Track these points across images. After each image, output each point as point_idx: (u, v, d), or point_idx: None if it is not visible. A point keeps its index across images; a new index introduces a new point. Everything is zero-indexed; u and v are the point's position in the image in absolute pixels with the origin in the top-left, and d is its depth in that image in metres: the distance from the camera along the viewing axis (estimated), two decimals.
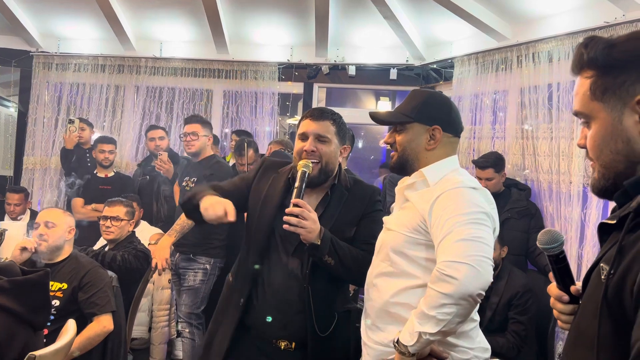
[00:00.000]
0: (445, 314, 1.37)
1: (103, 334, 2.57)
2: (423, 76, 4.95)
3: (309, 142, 1.92)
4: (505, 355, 2.91)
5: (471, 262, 1.38)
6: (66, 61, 5.11)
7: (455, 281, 1.37)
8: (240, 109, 5.06)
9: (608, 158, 0.94)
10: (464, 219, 1.46)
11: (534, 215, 3.55)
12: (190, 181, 3.49)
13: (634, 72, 0.91)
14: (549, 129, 3.65)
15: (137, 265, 3.06)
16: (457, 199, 1.52)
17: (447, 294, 1.37)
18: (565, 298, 1.09)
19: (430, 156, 1.66)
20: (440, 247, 1.46)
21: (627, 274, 0.82)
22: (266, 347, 1.94)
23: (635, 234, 0.85)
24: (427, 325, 1.38)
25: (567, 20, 3.56)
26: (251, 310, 1.95)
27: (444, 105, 1.70)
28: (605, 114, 0.94)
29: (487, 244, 1.44)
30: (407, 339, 1.41)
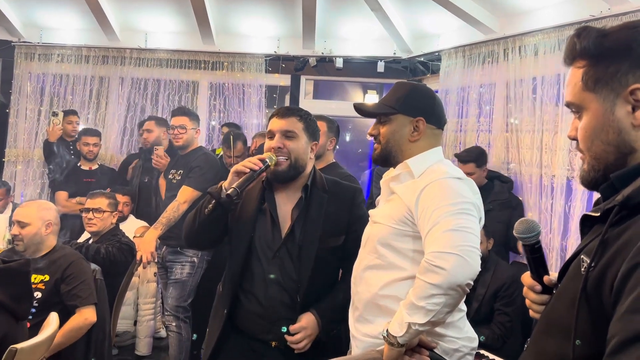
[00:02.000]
0: (435, 304, 1.38)
1: (85, 326, 2.55)
2: (410, 69, 4.95)
3: (275, 138, 1.92)
4: (491, 346, 2.93)
5: (459, 252, 1.39)
6: (49, 52, 5.03)
7: (444, 271, 1.38)
8: (226, 101, 5.02)
9: (599, 149, 0.93)
10: (450, 210, 1.47)
11: (516, 207, 3.59)
12: (177, 173, 3.46)
13: (626, 61, 0.90)
14: (533, 122, 3.67)
15: (121, 258, 3.04)
16: (444, 190, 1.52)
17: (436, 285, 1.38)
18: (537, 288, 1.09)
19: (414, 148, 1.67)
20: (428, 238, 1.47)
21: (608, 268, 0.82)
22: (258, 345, 1.93)
23: (619, 227, 0.84)
24: (416, 316, 1.39)
25: (553, 13, 3.57)
26: (239, 314, 1.96)
27: (428, 97, 1.71)
28: (597, 104, 0.93)
29: (474, 234, 1.45)
30: (397, 330, 1.42)
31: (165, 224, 3.20)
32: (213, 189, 1.89)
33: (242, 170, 1.83)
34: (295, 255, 1.91)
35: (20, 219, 2.65)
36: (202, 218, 1.90)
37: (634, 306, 0.73)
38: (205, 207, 1.88)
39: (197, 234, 1.96)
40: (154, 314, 3.80)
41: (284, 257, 1.91)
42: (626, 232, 0.82)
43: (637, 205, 0.83)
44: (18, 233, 2.63)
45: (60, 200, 4.16)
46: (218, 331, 1.95)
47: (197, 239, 2.01)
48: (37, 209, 2.73)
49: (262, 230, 1.93)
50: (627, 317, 0.74)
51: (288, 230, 1.91)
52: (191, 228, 1.96)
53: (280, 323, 1.89)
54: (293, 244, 1.91)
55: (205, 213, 1.87)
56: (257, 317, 1.92)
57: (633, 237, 0.79)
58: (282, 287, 1.90)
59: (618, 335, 0.74)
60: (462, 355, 1.60)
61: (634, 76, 0.89)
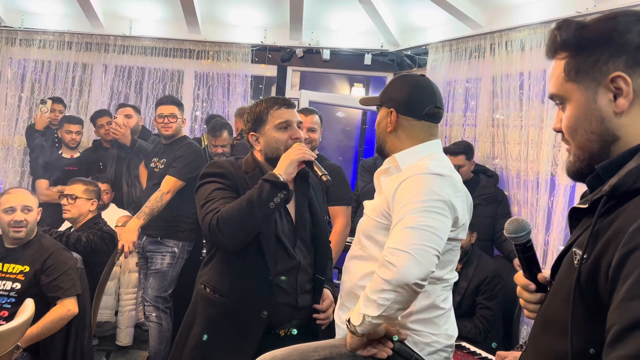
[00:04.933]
0: (385, 299, 1.39)
1: (67, 317, 2.52)
2: (397, 62, 4.94)
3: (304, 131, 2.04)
4: (473, 339, 2.96)
5: (411, 251, 1.38)
6: (30, 37, 4.92)
7: (394, 268, 1.38)
8: (211, 91, 4.97)
9: (583, 138, 0.94)
10: (417, 207, 1.46)
11: (501, 201, 3.62)
12: (160, 162, 3.42)
13: (605, 50, 0.91)
14: (519, 117, 3.69)
15: (102, 246, 3.00)
16: (417, 186, 1.51)
17: (386, 280, 1.38)
18: (532, 287, 1.08)
19: (394, 139, 1.68)
20: (391, 233, 1.47)
21: (601, 257, 0.82)
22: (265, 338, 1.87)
23: (608, 217, 0.85)
24: (370, 309, 1.41)
25: (540, 9, 3.59)
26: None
27: (403, 87, 1.69)
28: (580, 94, 0.94)
29: (435, 234, 1.42)
30: (355, 319, 1.45)
31: (149, 213, 3.17)
32: (274, 179, 1.75)
33: (307, 158, 1.81)
34: (308, 238, 1.98)
35: (26, 203, 2.59)
36: (267, 211, 1.74)
37: (631, 293, 0.73)
38: (268, 199, 1.72)
39: (254, 230, 1.78)
40: (135, 304, 3.76)
41: (300, 242, 1.96)
42: (616, 221, 0.82)
43: (624, 194, 0.84)
44: (23, 219, 2.57)
45: (41, 189, 4.09)
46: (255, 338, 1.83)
47: (250, 235, 1.79)
48: (31, 194, 2.70)
49: (279, 221, 1.91)
50: (624, 304, 0.74)
51: (296, 217, 1.96)
52: (249, 224, 1.74)
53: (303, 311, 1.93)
54: (305, 228, 1.98)
55: (272, 206, 1.73)
56: (287, 308, 1.90)
57: (624, 225, 0.80)
58: (307, 275, 1.95)
59: (617, 323, 0.74)
60: (435, 350, 1.59)
61: (614, 64, 0.90)
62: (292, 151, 1.82)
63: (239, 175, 1.91)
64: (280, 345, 1.82)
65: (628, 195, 0.83)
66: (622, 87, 0.89)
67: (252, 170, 1.92)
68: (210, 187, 1.87)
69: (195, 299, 1.98)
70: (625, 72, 0.89)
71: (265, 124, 1.92)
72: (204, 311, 1.91)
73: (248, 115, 1.99)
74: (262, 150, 1.94)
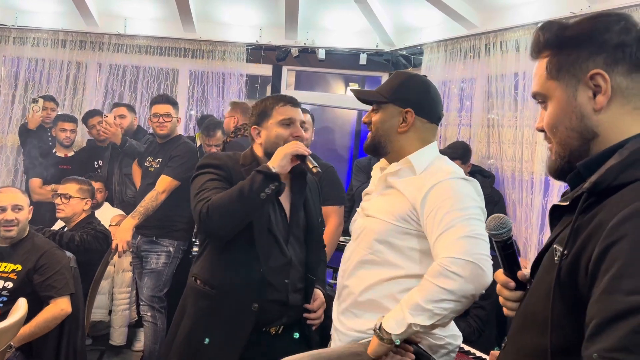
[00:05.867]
0: (443, 309, 1.37)
1: (61, 316, 2.51)
2: (393, 62, 4.94)
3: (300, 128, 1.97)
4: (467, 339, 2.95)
5: (476, 261, 1.38)
6: (24, 35, 4.89)
7: (460, 279, 1.36)
8: (206, 90, 4.96)
9: (563, 135, 0.96)
10: (462, 214, 1.45)
11: (497, 202, 3.62)
12: (155, 162, 3.41)
13: (585, 48, 0.93)
14: (514, 118, 3.71)
15: (96, 246, 2.99)
16: (453, 192, 1.50)
17: (449, 290, 1.36)
18: (511, 284, 1.09)
19: (403, 139, 1.64)
20: (441, 243, 1.44)
21: (581, 253, 0.83)
22: (254, 336, 1.87)
23: (588, 214, 0.86)
24: (420, 318, 1.38)
25: (534, 9, 3.60)
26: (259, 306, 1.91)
27: (421, 88, 1.67)
28: (561, 91, 0.96)
29: (486, 241, 1.42)
30: (393, 327, 1.41)
31: (143, 213, 3.16)
32: (266, 171, 1.77)
33: (301, 152, 1.83)
34: (301, 236, 1.99)
35: (16, 202, 2.57)
36: (257, 202, 1.76)
37: (609, 287, 0.74)
38: (259, 190, 1.74)
39: (244, 220, 1.80)
40: (129, 304, 3.75)
41: (293, 240, 1.96)
42: (596, 217, 0.83)
43: (604, 191, 0.85)
44: (14, 218, 2.55)
45: (34, 188, 4.07)
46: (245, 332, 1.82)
47: (239, 226, 1.81)
48: (22, 193, 2.68)
49: (273, 216, 1.92)
50: (604, 298, 0.74)
51: (290, 214, 1.97)
52: (237, 214, 1.77)
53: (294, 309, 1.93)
54: (298, 226, 1.99)
55: (263, 197, 1.75)
56: (277, 305, 1.89)
57: (603, 221, 0.81)
58: (299, 272, 1.95)
59: (596, 317, 0.74)
60: (447, 352, 1.59)
61: (594, 62, 0.92)
62: (287, 145, 1.85)
63: (236, 168, 1.92)
64: (271, 343, 1.86)
65: (608, 192, 0.84)
66: (601, 84, 0.91)
67: (250, 163, 1.93)
68: (205, 178, 1.89)
69: (185, 292, 1.99)
70: (604, 70, 0.91)
71: (269, 119, 1.95)
72: (194, 304, 1.91)
73: (253, 109, 2.02)
74: (262, 144, 1.96)
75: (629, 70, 0.91)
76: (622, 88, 0.91)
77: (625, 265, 0.74)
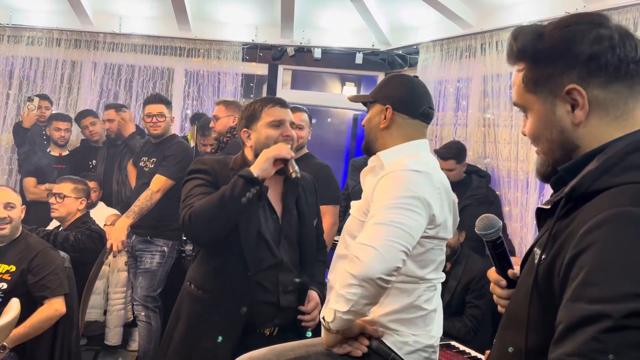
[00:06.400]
0: (352, 294, 1.39)
1: (55, 317, 2.50)
2: (388, 61, 4.94)
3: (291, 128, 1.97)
4: (462, 338, 2.96)
5: (376, 246, 1.39)
6: (19, 34, 4.86)
7: (360, 262, 1.39)
8: (202, 89, 4.94)
9: (545, 146, 0.96)
10: (389, 203, 1.46)
11: (493, 202, 3.62)
12: (150, 162, 3.40)
13: (560, 63, 0.92)
14: (510, 117, 3.71)
15: (90, 245, 2.97)
16: (393, 183, 1.51)
17: (352, 275, 1.39)
18: (503, 283, 1.11)
19: (387, 136, 1.67)
20: (363, 229, 1.49)
21: (556, 258, 0.84)
22: (249, 338, 1.88)
23: (567, 219, 0.87)
24: (339, 304, 1.42)
25: (529, 9, 3.60)
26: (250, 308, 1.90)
27: (402, 85, 1.70)
28: (539, 105, 0.95)
29: (403, 230, 1.42)
30: (328, 315, 1.46)
31: (138, 212, 3.14)
32: (248, 175, 1.77)
33: (284, 156, 1.82)
34: (294, 237, 1.98)
35: (9, 200, 2.55)
36: (238, 207, 1.76)
37: (574, 294, 0.76)
38: (240, 195, 1.75)
39: (225, 226, 1.81)
40: (124, 304, 3.74)
41: (285, 242, 1.96)
42: (572, 223, 0.84)
43: (581, 196, 0.86)
44: (6, 216, 2.54)
45: (29, 187, 4.05)
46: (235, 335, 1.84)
47: (222, 231, 1.82)
48: (13, 191, 2.66)
49: (263, 218, 1.93)
50: (568, 305, 0.77)
51: (282, 215, 1.97)
52: (218, 219, 1.78)
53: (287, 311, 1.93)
54: (290, 227, 1.98)
55: (244, 201, 1.75)
56: (269, 306, 1.90)
57: (576, 228, 0.82)
58: (291, 274, 1.95)
59: (562, 322, 0.77)
60: (414, 350, 1.58)
61: (569, 77, 0.91)
62: (270, 148, 1.85)
63: (224, 172, 1.92)
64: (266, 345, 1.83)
65: (585, 198, 0.85)
66: (578, 99, 0.91)
67: (239, 167, 1.93)
68: (192, 184, 1.91)
69: (180, 295, 2.01)
70: (580, 84, 0.90)
71: (259, 121, 1.95)
72: (188, 308, 1.94)
73: (242, 113, 2.02)
74: (252, 147, 1.96)
75: (605, 82, 0.90)
76: (599, 100, 0.90)
77: (590, 274, 0.75)
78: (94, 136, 4.20)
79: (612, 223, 0.77)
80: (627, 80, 0.90)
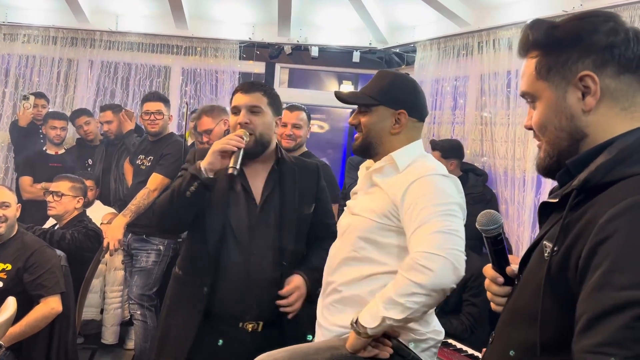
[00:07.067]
0: (415, 302, 1.38)
1: (51, 316, 2.49)
2: (386, 60, 4.94)
3: (241, 114, 1.92)
4: (459, 336, 2.96)
5: (447, 256, 1.39)
6: (15, 31, 4.84)
7: (431, 272, 1.37)
8: (199, 87, 4.93)
9: (552, 135, 0.97)
10: (438, 210, 1.46)
11: (490, 200, 3.62)
12: (147, 160, 3.40)
13: (575, 50, 0.94)
14: (507, 115, 3.71)
15: (87, 244, 2.97)
16: (432, 188, 1.51)
17: (420, 284, 1.37)
18: (500, 280, 1.11)
19: (395, 140, 1.65)
20: (415, 237, 1.46)
21: (571, 249, 0.84)
22: (232, 331, 1.89)
23: (578, 211, 0.87)
24: (393, 311, 1.39)
25: (527, 8, 3.61)
26: (213, 298, 1.89)
27: (411, 89, 1.69)
28: (550, 92, 0.96)
29: (461, 237, 1.45)
30: (368, 321, 1.42)
31: (135, 211, 3.14)
32: (194, 170, 1.83)
33: (228, 149, 1.80)
34: (274, 224, 1.94)
35: (4, 200, 2.55)
36: (183, 200, 1.82)
37: (600, 282, 0.75)
38: (185, 189, 1.81)
39: (175, 218, 1.92)
40: (121, 302, 3.73)
41: (263, 228, 1.92)
42: (586, 214, 0.84)
43: (592, 188, 0.86)
44: (1, 215, 2.52)
45: (25, 186, 4.04)
46: (198, 315, 1.88)
47: (174, 222, 1.98)
48: (8, 190, 2.66)
49: (236, 206, 1.92)
50: (594, 294, 0.75)
51: (262, 201, 1.94)
52: (168, 211, 1.90)
53: (263, 299, 1.88)
54: (269, 214, 1.94)
55: (188, 195, 1.81)
56: (237, 297, 1.88)
57: (593, 218, 0.82)
58: (265, 259, 1.90)
59: (587, 312, 0.75)
60: (428, 347, 1.60)
61: (583, 64, 0.93)
62: (217, 142, 1.85)
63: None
64: (249, 340, 1.88)
65: (597, 189, 0.86)
66: (590, 85, 0.92)
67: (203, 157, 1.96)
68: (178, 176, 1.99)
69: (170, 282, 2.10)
70: (594, 72, 0.92)
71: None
72: (170, 287, 2.05)
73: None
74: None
75: (617, 72, 0.92)
76: (610, 89, 0.92)
77: (616, 261, 0.75)
78: (88, 135, 4.20)
79: (634, 211, 0.77)
80: (637, 73, 0.92)
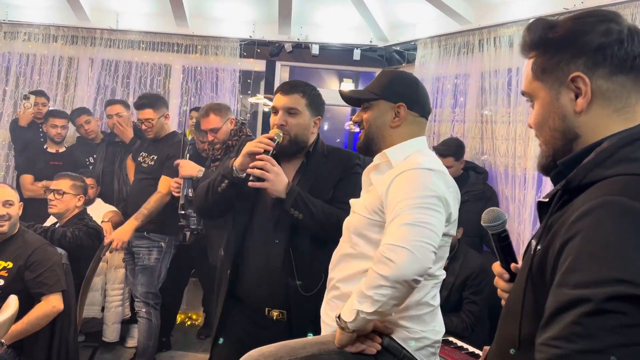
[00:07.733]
0: (381, 295, 1.39)
1: (52, 314, 2.50)
2: (386, 58, 4.93)
3: (279, 115, 1.99)
4: (460, 334, 2.97)
5: (410, 248, 1.39)
6: (15, 30, 4.83)
7: (393, 264, 1.38)
8: (199, 86, 4.92)
9: (547, 135, 0.99)
10: (413, 203, 1.46)
11: (490, 198, 3.62)
12: (149, 158, 3.40)
13: (568, 51, 0.95)
14: (508, 114, 3.71)
15: (88, 242, 2.97)
16: (411, 181, 1.51)
17: (384, 276, 1.39)
18: (506, 276, 1.13)
19: (395, 134, 1.65)
20: (387, 230, 1.47)
21: (549, 248, 0.86)
22: (257, 316, 2.00)
23: (561, 210, 0.89)
24: (365, 305, 1.41)
25: (527, 5, 3.60)
26: (239, 281, 2.02)
27: (411, 83, 1.71)
28: (545, 92, 0.98)
29: (431, 230, 1.43)
30: (347, 316, 1.45)
31: (147, 215, 3.18)
32: (225, 170, 1.98)
33: (256, 151, 1.89)
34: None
35: (7, 198, 2.55)
36: (216, 196, 2.01)
37: (560, 280, 0.79)
38: (217, 185, 1.99)
39: (210, 209, 2.14)
40: (122, 300, 3.74)
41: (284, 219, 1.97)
42: (565, 214, 0.86)
43: (576, 188, 0.88)
44: (5, 213, 2.53)
45: (26, 184, 4.04)
46: (224, 295, 2.05)
47: (210, 212, 2.19)
48: (10, 188, 2.66)
49: (263, 198, 2.00)
50: (554, 291, 0.79)
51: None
52: (204, 203, 2.10)
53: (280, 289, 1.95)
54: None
55: (219, 191, 1.99)
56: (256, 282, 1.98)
57: (567, 218, 0.84)
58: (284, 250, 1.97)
59: (549, 308, 0.79)
60: (423, 346, 1.60)
61: (575, 65, 0.93)
62: (249, 143, 1.95)
63: None
64: (275, 328, 1.94)
65: (579, 190, 0.88)
66: (581, 87, 0.93)
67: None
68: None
69: None
70: (585, 73, 0.92)
71: None
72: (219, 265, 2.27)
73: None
74: None
75: (610, 73, 0.92)
76: (602, 90, 0.92)
77: (575, 260, 0.78)
78: (89, 134, 4.19)
79: (598, 211, 0.79)
80: (632, 74, 0.92)
